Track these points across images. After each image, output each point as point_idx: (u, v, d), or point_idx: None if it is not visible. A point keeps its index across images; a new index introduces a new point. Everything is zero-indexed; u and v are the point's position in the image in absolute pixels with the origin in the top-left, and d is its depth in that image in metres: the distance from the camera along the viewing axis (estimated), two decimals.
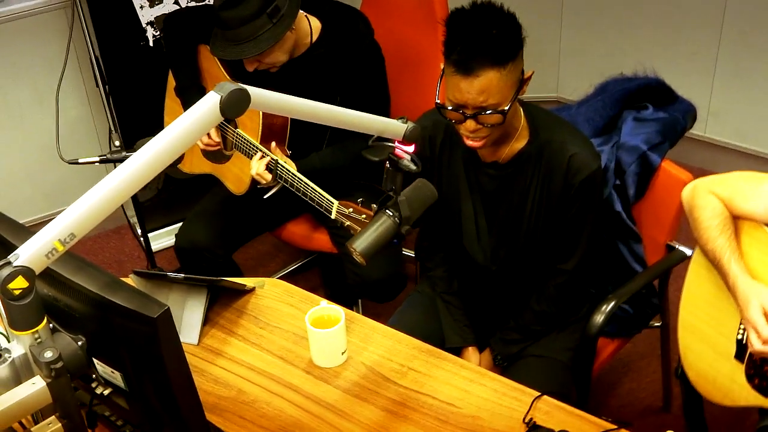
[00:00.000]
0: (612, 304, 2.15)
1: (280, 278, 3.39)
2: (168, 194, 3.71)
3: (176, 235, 2.84)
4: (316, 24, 2.64)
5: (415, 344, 1.99)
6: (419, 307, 2.36)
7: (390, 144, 1.81)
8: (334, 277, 3.37)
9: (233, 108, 1.45)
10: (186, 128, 1.42)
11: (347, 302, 2.97)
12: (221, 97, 1.42)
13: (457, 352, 2.26)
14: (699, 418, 2.31)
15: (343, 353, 1.94)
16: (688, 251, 2.26)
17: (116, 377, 1.41)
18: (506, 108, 1.87)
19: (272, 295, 2.16)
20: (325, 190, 2.25)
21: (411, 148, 1.81)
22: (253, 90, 1.49)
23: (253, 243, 3.66)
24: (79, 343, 1.37)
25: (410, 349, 1.98)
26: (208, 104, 1.43)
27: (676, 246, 2.32)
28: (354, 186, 2.72)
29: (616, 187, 2.34)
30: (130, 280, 2.05)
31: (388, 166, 1.81)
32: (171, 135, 1.42)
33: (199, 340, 2.04)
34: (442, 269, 2.32)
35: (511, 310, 2.26)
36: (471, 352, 2.26)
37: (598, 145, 2.36)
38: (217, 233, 2.79)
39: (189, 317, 2.06)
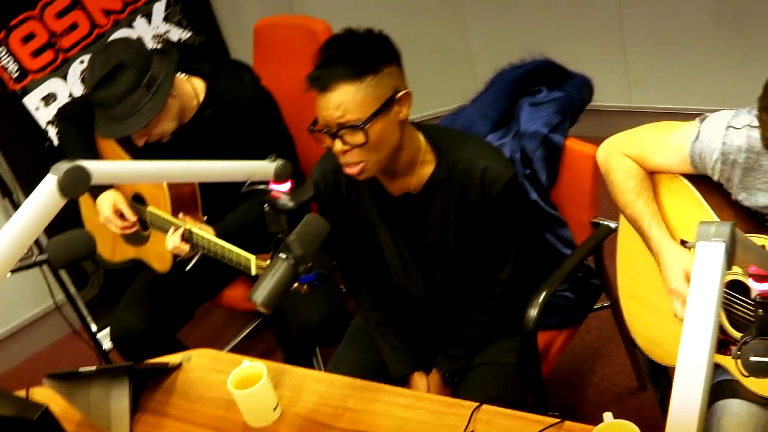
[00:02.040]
0: (543, 294, 2.09)
1: (235, 346, 3.35)
2: (111, 287, 3.64)
3: (110, 327, 2.77)
4: (200, 84, 2.60)
5: (348, 383, 1.92)
6: (357, 344, 2.29)
7: (265, 187, 1.77)
8: (287, 333, 3.29)
9: (74, 187, 1.40)
10: (28, 218, 1.37)
11: (306, 355, 2.91)
12: (58, 178, 1.37)
13: (405, 380, 2.19)
14: (667, 385, 2.23)
15: (275, 409, 1.87)
16: (613, 224, 2.21)
17: None
18: (365, 125, 1.81)
19: (200, 367, 2.09)
20: (250, 246, 2.18)
21: (286, 186, 1.77)
22: (94, 164, 1.44)
23: (206, 316, 3.61)
24: None
25: (344, 389, 1.91)
26: (46, 188, 1.38)
27: (601, 221, 2.27)
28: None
29: (527, 176, 2.29)
30: (46, 387, 1.97)
31: (267, 208, 1.76)
32: (13, 228, 1.36)
33: (132, 430, 1.96)
34: (370, 302, 2.25)
35: (453, 329, 2.19)
36: (417, 377, 2.19)
37: (499, 138, 2.32)
38: (151, 316, 2.71)
39: (116, 409, 1.98)
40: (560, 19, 3.86)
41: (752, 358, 1.38)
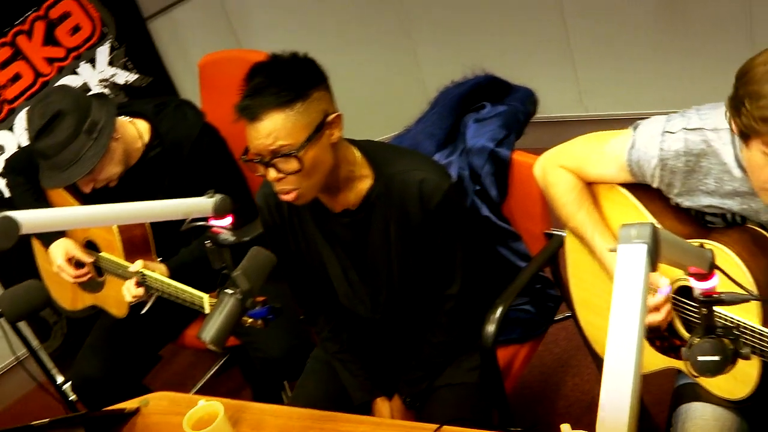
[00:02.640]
0: (500, 309, 2.07)
1: (203, 386, 3.31)
2: (75, 337, 3.58)
3: (71, 376, 2.72)
4: (143, 126, 2.57)
5: (308, 414, 1.89)
6: (318, 374, 2.26)
7: (205, 223, 1.75)
8: (252, 370, 3.25)
9: (2, 238, 1.37)
10: None
11: (273, 389, 2.87)
12: None
13: (368, 407, 2.16)
14: None
15: None
16: (564, 233, 2.20)
17: None
18: (298, 152, 1.80)
19: (158, 410, 2.06)
20: (207, 282, 2.14)
21: (227, 221, 1.75)
22: (22, 214, 1.42)
23: (173, 358, 3.57)
24: None
25: (304, 420, 1.88)
26: None
27: (554, 232, 2.26)
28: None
29: (477, 192, 2.29)
30: None
31: (209, 245, 1.74)
32: None
33: None
34: (327, 330, 2.22)
35: (411, 350, 2.17)
36: (380, 403, 2.16)
37: (447, 156, 2.32)
38: (111, 363, 2.67)
39: None
40: (508, 34, 3.88)
41: (700, 358, 1.37)
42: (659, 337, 1.84)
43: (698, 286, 1.34)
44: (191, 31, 3.81)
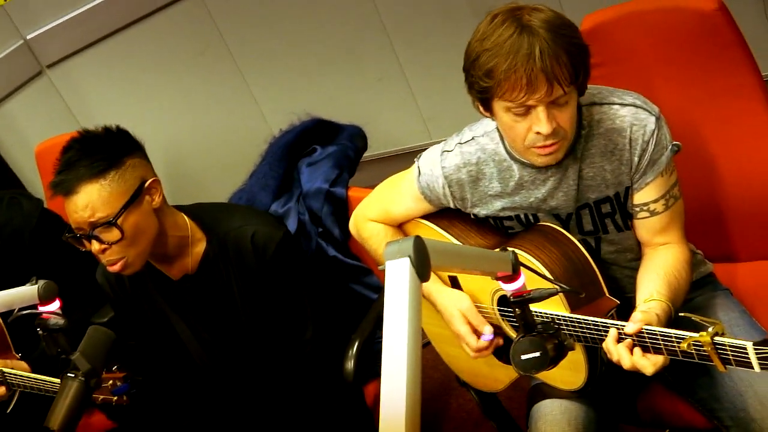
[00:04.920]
0: (357, 344, 2.10)
1: None
2: None
3: None
4: None
5: None
6: None
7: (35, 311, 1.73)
8: None
9: None
10: None
11: None
12: None
13: None
14: (500, 412, 2.27)
15: None
16: None
17: None
18: (116, 220, 1.80)
19: None
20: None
21: (55, 305, 1.73)
22: None
23: None
24: None
25: None
26: None
27: None
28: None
29: (321, 234, 2.32)
30: None
31: (41, 332, 1.72)
32: None
33: None
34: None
35: (278, 401, 2.17)
36: None
37: (284, 204, 2.34)
38: None
39: None
40: (347, 76, 3.95)
41: (523, 357, 1.42)
42: (505, 351, 1.89)
43: (508, 288, 1.40)
44: (28, 118, 3.76)
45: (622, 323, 1.50)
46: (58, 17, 3.76)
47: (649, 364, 1.46)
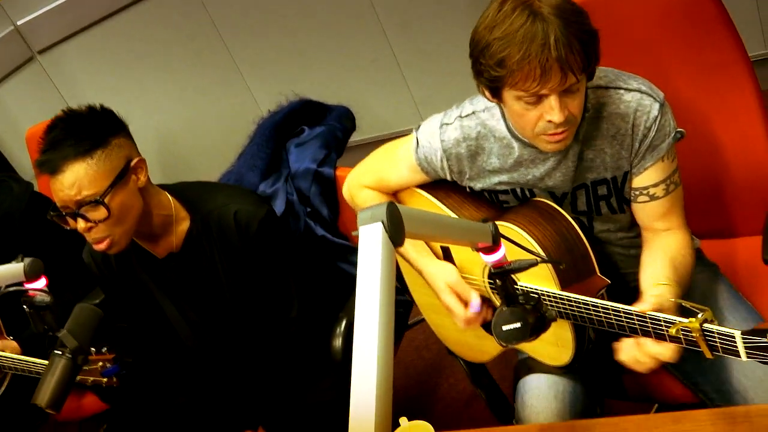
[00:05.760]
0: (344, 322, 2.11)
1: None
2: None
3: None
4: None
5: None
6: None
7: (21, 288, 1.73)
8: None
9: None
10: None
11: None
12: None
13: None
14: (488, 382, 2.28)
15: None
16: None
17: None
18: (103, 198, 1.81)
19: None
20: None
21: (41, 282, 1.73)
22: None
23: None
24: None
25: None
26: None
27: None
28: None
29: (309, 214, 2.32)
30: None
31: (27, 309, 1.72)
32: None
33: None
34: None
35: (265, 379, 2.18)
36: None
37: (272, 185, 2.35)
38: None
39: None
40: (338, 60, 3.95)
41: (504, 328, 1.42)
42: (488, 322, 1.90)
43: (488, 260, 1.40)
44: (19, 104, 3.76)
45: (614, 304, 1.49)
46: (48, 3, 3.77)
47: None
